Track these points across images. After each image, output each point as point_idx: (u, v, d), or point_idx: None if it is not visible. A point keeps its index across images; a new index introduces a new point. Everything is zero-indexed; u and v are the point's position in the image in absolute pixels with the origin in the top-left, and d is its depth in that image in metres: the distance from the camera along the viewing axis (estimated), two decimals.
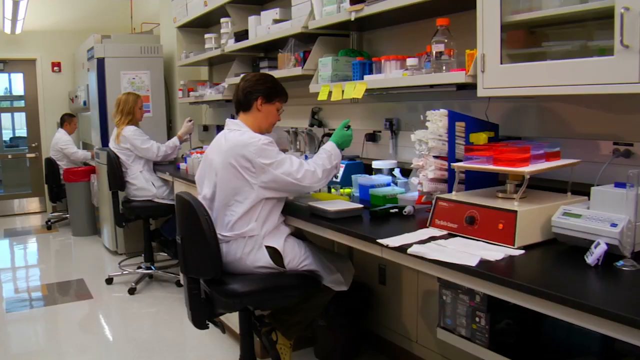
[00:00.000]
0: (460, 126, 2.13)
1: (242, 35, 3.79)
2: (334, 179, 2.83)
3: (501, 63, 1.92)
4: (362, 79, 2.66)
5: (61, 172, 6.46)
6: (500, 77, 1.92)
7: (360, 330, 3.03)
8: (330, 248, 3.09)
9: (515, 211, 1.71)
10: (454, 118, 2.11)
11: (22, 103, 7.85)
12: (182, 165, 4.12)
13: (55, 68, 7.65)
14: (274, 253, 2.27)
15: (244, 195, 2.22)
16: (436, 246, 1.74)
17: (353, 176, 2.72)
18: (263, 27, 3.49)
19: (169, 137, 5.42)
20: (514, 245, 1.69)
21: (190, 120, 4.56)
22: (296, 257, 2.33)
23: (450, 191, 2.07)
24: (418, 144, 2.13)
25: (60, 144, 6.47)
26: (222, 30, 4.14)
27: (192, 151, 4.28)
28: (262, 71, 3.80)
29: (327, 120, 3.56)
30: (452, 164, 2.00)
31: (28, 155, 7.82)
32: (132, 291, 4.24)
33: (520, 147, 1.90)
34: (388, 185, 2.61)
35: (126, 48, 5.30)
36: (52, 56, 7.62)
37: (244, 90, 2.36)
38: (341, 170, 2.87)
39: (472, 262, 1.55)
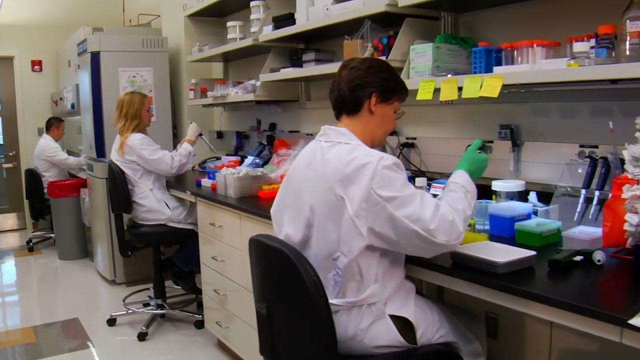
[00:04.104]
0: None
1: (284, 20, 3.05)
2: None
3: None
4: (490, 71, 1.95)
5: (45, 185, 5.60)
6: None
7: None
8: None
9: None
10: None
11: None
12: (205, 182, 3.35)
13: (35, 67, 6.76)
14: (402, 325, 1.54)
15: (356, 243, 1.49)
16: None
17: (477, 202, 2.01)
18: (318, 8, 2.76)
19: (175, 145, 4.64)
20: None
21: (192, 122, 3.83)
22: (430, 326, 1.60)
23: None
24: (632, 163, 1.43)
25: (48, 152, 5.60)
26: (252, 16, 3.39)
27: (217, 164, 3.52)
28: (306, 66, 3.08)
29: (398, 126, 2.83)
30: None
31: (5, 165, 6.89)
32: (142, 337, 3.44)
33: None
34: (529, 216, 1.91)
35: (125, 41, 4.49)
36: (32, 54, 6.74)
37: (352, 84, 1.61)
38: None
39: None
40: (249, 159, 3.62)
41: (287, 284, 1.44)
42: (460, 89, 2.01)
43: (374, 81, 1.62)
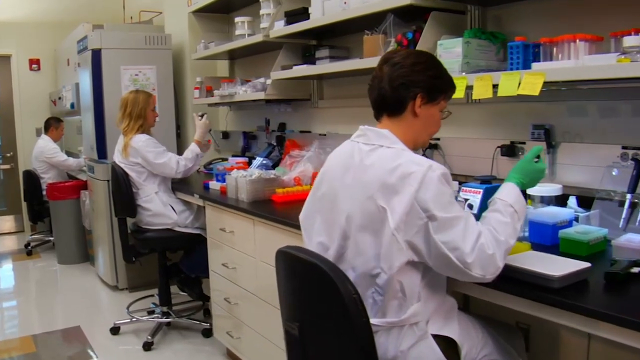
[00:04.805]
0: None
1: (297, 15, 2.91)
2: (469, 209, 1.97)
3: None
4: (528, 67, 1.82)
5: (44, 187, 5.45)
6: None
7: None
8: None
9: None
10: None
11: None
12: (214, 185, 3.20)
13: (33, 66, 6.60)
14: (446, 345, 1.41)
15: (397, 259, 1.35)
16: None
17: None
18: (335, 2, 2.62)
19: (179, 146, 4.50)
20: None
21: (201, 115, 3.56)
22: (474, 344, 1.47)
23: None
24: None
25: (47, 153, 5.47)
26: (262, 11, 3.26)
27: (226, 166, 3.38)
28: (319, 63, 2.94)
29: None
30: None
31: (2, 166, 6.73)
32: (147, 346, 3.30)
33: None
34: (571, 223, 1.78)
35: (127, 38, 4.34)
36: (30, 52, 6.58)
37: (394, 82, 1.46)
38: (478, 197, 2.02)
39: None
40: (258, 160, 3.48)
41: (323, 303, 1.30)
42: (494, 86, 1.88)
43: (419, 80, 1.46)
